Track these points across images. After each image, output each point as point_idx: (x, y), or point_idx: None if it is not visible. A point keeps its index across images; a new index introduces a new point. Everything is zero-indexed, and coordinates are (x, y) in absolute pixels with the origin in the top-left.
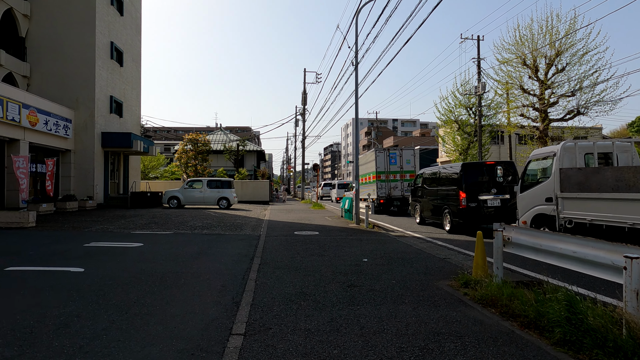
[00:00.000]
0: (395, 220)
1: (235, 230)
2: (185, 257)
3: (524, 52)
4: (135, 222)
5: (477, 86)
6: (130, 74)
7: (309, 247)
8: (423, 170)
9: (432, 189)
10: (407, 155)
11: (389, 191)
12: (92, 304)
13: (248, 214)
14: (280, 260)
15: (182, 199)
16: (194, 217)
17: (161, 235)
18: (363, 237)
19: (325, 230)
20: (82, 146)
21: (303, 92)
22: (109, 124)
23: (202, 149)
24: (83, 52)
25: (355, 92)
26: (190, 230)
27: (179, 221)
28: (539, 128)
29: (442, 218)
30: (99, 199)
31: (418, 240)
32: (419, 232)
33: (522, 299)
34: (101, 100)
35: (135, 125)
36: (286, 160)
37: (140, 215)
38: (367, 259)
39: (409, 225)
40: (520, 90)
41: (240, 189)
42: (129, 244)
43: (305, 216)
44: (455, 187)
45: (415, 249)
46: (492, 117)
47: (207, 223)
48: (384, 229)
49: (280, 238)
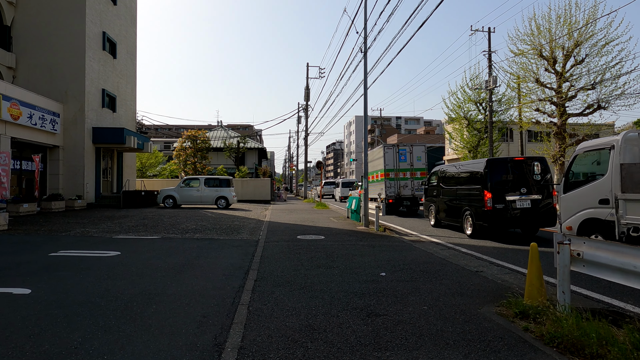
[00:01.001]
0: (407, 222)
1: (232, 234)
2: (165, 271)
3: (541, 42)
4: (122, 225)
5: (487, 80)
6: (125, 67)
7: (314, 255)
8: (439, 167)
9: (450, 188)
10: (417, 152)
11: (398, 190)
12: (7, 354)
13: (247, 214)
14: (281, 274)
15: (178, 199)
16: (189, 218)
17: (146, 241)
18: (375, 243)
19: (331, 234)
20: (72, 142)
21: (306, 87)
22: (101, 118)
23: (201, 146)
24: (72, 42)
25: (364, 81)
26: (180, 234)
27: (170, 223)
28: (557, 123)
29: (463, 221)
30: (90, 198)
31: (438, 247)
32: (436, 237)
33: (621, 347)
34: (92, 93)
35: (130, 121)
36: (288, 158)
37: (130, 216)
38: (385, 272)
39: (423, 227)
40: (535, 84)
41: (241, 188)
42: (104, 252)
43: (308, 217)
44: (478, 186)
45: (438, 258)
46: (503, 112)
47: (201, 225)
48: (396, 232)
49: (281, 244)
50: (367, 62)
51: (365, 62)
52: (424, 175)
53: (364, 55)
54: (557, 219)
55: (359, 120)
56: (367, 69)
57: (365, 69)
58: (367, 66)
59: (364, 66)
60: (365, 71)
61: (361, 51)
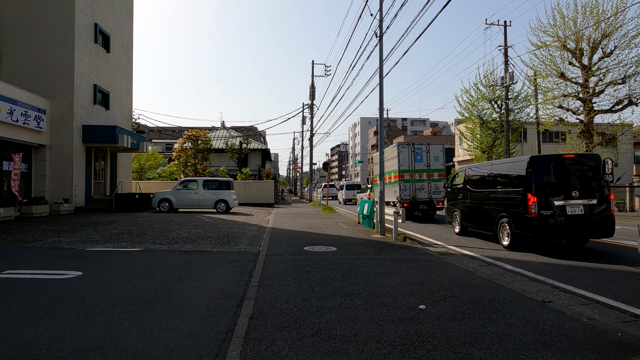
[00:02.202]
0: (426, 229)
1: (228, 244)
2: (129, 304)
3: (566, 33)
4: (105, 233)
5: (503, 76)
6: (120, 62)
7: (327, 275)
8: (465, 167)
9: (481, 190)
10: (435, 151)
11: (414, 193)
12: None
13: (249, 219)
14: (286, 306)
15: (175, 202)
16: (183, 224)
17: (122, 255)
18: (397, 257)
19: (343, 244)
20: (59, 141)
21: (311, 85)
22: (92, 116)
23: (202, 147)
24: (60, 33)
25: (380, 70)
26: (168, 244)
27: (160, 230)
28: (583, 121)
29: (497, 229)
30: (79, 201)
31: (475, 262)
32: (466, 248)
33: None
34: (82, 89)
35: (125, 119)
36: (293, 160)
37: (118, 222)
38: (424, 304)
39: (447, 236)
40: (558, 78)
41: (243, 190)
42: (61, 273)
43: (315, 223)
44: (519, 189)
45: (483, 279)
46: (520, 111)
47: (194, 233)
48: (419, 241)
49: (285, 258)
50: (382, 48)
51: (381, 48)
52: (442, 177)
53: (380, 39)
54: (613, 228)
55: (364, 122)
56: (382, 56)
57: (381, 55)
58: (382, 53)
59: (380, 53)
60: (380, 58)
61: (376, 35)
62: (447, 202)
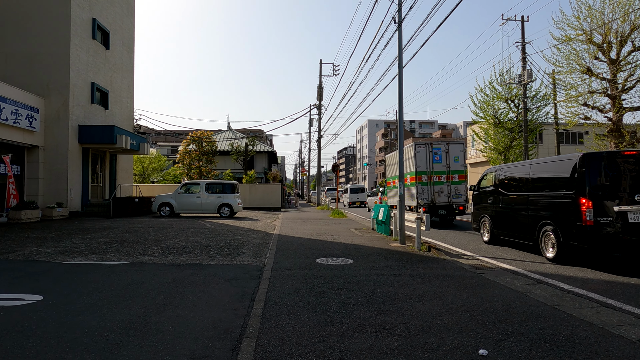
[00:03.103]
0: (449, 236)
1: (229, 255)
2: (83, 352)
3: (592, 26)
4: (93, 241)
5: (521, 74)
6: (120, 60)
7: (348, 299)
8: (497, 167)
9: (517, 194)
10: (454, 151)
11: (432, 196)
12: None
13: (254, 225)
14: (298, 351)
15: (176, 206)
16: (181, 231)
17: (103, 271)
18: (427, 272)
19: (360, 255)
20: (54, 141)
21: (319, 85)
22: (89, 116)
23: (207, 148)
24: (55, 27)
25: (399, 59)
26: (160, 256)
27: (155, 238)
28: (612, 119)
29: (540, 239)
30: (75, 206)
31: (521, 280)
32: (502, 260)
33: None
34: (79, 86)
35: (125, 119)
36: (299, 163)
37: (112, 228)
38: (483, 347)
39: (475, 245)
40: (583, 74)
41: (248, 194)
42: (15, 298)
43: (326, 229)
44: (569, 192)
45: (541, 304)
46: (537, 110)
47: (192, 242)
48: (445, 252)
49: (295, 274)
50: (402, 35)
51: (400, 35)
52: (462, 179)
53: (399, 25)
54: None
55: (372, 124)
56: (402, 44)
57: (400, 43)
58: (402, 40)
59: (399, 40)
60: (400, 46)
61: (395, 21)
62: (474, 206)
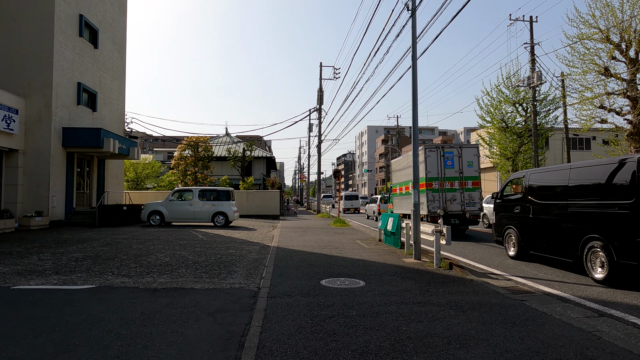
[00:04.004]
0: (466, 249)
1: (219, 274)
2: None
3: (608, 24)
4: (63, 257)
5: (530, 76)
6: (110, 60)
7: (366, 345)
8: (525, 172)
9: (553, 203)
10: (468, 155)
11: (444, 204)
12: None
13: (250, 235)
14: None
15: (167, 214)
16: (169, 243)
17: (56, 299)
18: (457, 299)
19: (372, 275)
20: (35, 145)
21: (319, 89)
22: (75, 118)
23: (203, 154)
24: (38, 22)
25: (413, 50)
26: (136, 276)
27: (137, 253)
28: (632, 121)
29: (585, 256)
30: (58, 214)
31: (577, 311)
32: (540, 281)
33: None
34: (63, 86)
35: (116, 123)
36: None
37: (93, 240)
38: None
39: (499, 260)
40: (600, 74)
41: (245, 201)
42: None
43: (328, 240)
44: (626, 201)
45: (622, 350)
46: (546, 114)
47: (178, 257)
48: (469, 270)
49: (297, 303)
50: (415, 24)
51: (414, 24)
52: (476, 186)
53: (412, 13)
54: None
55: (372, 130)
56: (415, 33)
57: (414, 32)
58: (415, 29)
59: (412, 29)
60: (413, 35)
61: (407, 9)
62: (496, 216)
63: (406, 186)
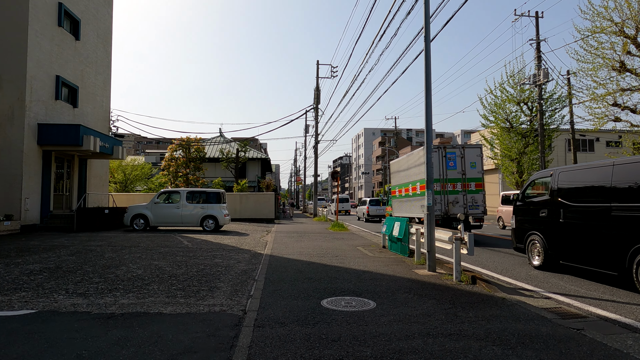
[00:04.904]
0: (480, 257)
1: (197, 292)
2: None
3: (623, 17)
4: (15, 270)
5: (536, 74)
6: (93, 53)
7: None
8: (553, 170)
9: (590, 205)
10: (471, 156)
11: (446, 207)
12: None
13: (241, 241)
14: None
15: (152, 218)
16: (148, 251)
17: None
18: (496, 327)
19: (383, 292)
20: (6, 142)
21: (316, 88)
22: (53, 114)
23: (195, 155)
24: (10, 9)
25: (426, 31)
26: (93, 296)
27: (106, 264)
28: None
29: (635, 269)
30: (32, 218)
31: None
32: (583, 298)
33: None
34: (39, 79)
35: (100, 120)
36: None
37: (62, 247)
38: None
39: (523, 271)
40: (613, 70)
41: (239, 204)
42: None
43: (327, 246)
44: None
45: None
46: (552, 113)
47: (153, 270)
48: (496, 284)
49: (292, 335)
50: (429, 1)
51: (427, 1)
52: (479, 188)
53: None
54: None
55: (368, 132)
56: (429, 11)
57: (427, 10)
58: (429, 6)
59: (425, 8)
60: (426, 13)
61: None
62: (516, 220)
63: (406, 188)
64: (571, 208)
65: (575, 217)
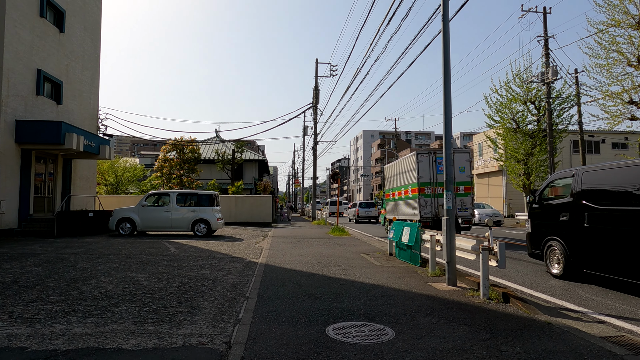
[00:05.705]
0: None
1: (170, 318)
2: None
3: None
4: None
5: (544, 72)
6: (80, 47)
7: None
8: (575, 170)
9: (621, 209)
10: (460, 161)
11: (436, 210)
12: None
13: (234, 248)
14: None
15: (139, 222)
16: (126, 260)
17: None
18: None
19: (401, 315)
20: None
21: (314, 87)
22: (34, 110)
23: (189, 156)
24: None
25: (444, 8)
26: (39, 325)
27: (72, 277)
28: None
29: None
30: (9, 222)
31: None
32: (628, 319)
33: None
34: (18, 72)
35: (87, 119)
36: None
37: (32, 255)
38: None
39: (542, 281)
40: (625, 67)
41: (234, 206)
42: None
43: (329, 253)
44: None
45: None
46: (560, 113)
47: (127, 284)
48: (534, 304)
49: None
50: None
51: None
52: (468, 192)
53: None
54: None
55: (367, 135)
56: None
57: None
58: None
59: None
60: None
61: None
62: (532, 224)
63: (399, 191)
64: (598, 211)
65: (603, 221)
